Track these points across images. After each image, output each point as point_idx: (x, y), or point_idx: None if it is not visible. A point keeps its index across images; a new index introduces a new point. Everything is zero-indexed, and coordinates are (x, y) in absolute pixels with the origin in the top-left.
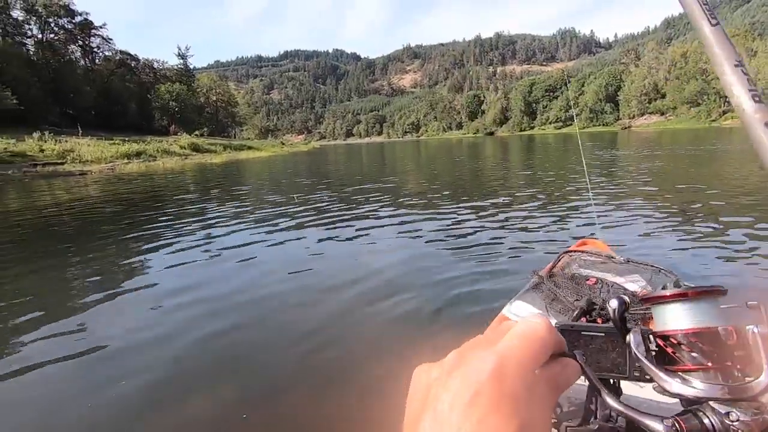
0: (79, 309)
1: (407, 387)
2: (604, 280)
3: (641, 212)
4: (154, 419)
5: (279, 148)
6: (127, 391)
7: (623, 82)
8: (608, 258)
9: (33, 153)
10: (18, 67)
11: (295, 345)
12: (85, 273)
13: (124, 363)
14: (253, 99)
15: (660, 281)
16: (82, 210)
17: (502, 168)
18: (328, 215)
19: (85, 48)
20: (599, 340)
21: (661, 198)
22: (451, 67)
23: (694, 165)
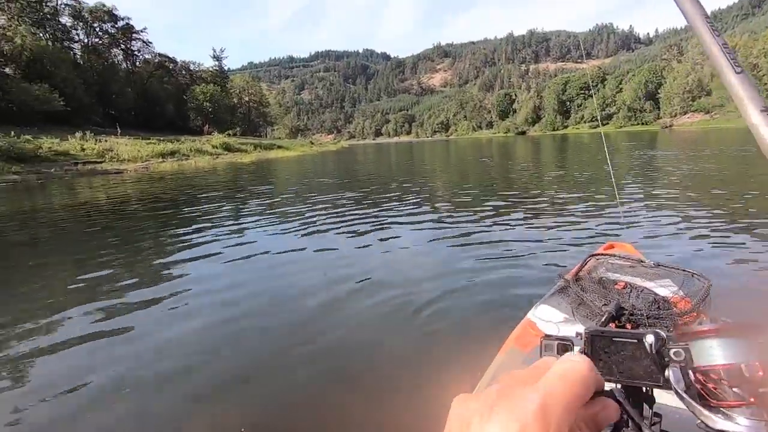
0: (112, 299)
1: (432, 391)
2: (634, 285)
3: (675, 216)
4: (185, 411)
5: (308, 148)
6: (143, 381)
7: (664, 79)
8: (637, 262)
9: (75, 152)
10: (66, 71)
11: (314, 347)
12: (117, 266)
13: (145, 354)
14: (284, 99)
15: (693, 286)
16: (117, 206)
17: (532, 169)
18: (353, 216)
19: (127, 51)
20: (631, 347)
21: (698, 201)
22: (481, 66)
23: (739, 167)
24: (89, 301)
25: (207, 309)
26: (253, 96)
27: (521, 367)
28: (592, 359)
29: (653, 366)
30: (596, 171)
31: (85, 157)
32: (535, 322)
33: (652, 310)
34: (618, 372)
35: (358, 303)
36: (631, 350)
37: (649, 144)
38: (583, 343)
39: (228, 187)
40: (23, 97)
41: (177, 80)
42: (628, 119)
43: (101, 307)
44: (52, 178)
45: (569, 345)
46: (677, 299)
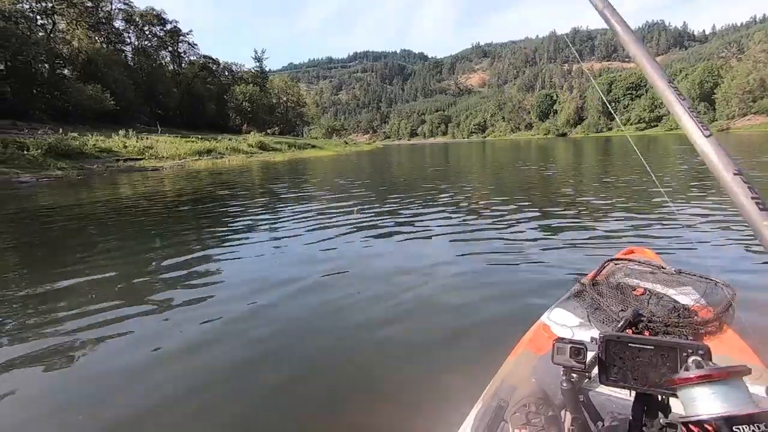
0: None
1: (444, 392)
2: (653, 291)
3: (711, 225)
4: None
5: (342, 148)
6: (169, 377)
7: (722, 79)
8: (657, 268)
9: (117, 149)
10: (117, 72)
11: (326, 349)
12: (148, 260)
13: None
14: (322, 99)
15: (716, 295)
16: (146, 202)
17: (567, 172)
18: (380, 216)
19: (174, 53)
20: (648, 353)
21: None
22: (522, 66)
23: None
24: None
25: (227, 309)
26: (290, 96)
27: (533, 369)
28: (607, 364)
29: (671, 374)
30: (633, 175)
31: (127, 154)
32: (549, 325)
33: (671, 318)
34: (633, 378)
35: (374, 303)
36: (647, 357)
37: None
38: (598, 347)
39: (257, 187)
40: (78, 96)
41: (219, 81)
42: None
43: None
44: (92, 174)
45: (582, 349)
46: (698, 308)
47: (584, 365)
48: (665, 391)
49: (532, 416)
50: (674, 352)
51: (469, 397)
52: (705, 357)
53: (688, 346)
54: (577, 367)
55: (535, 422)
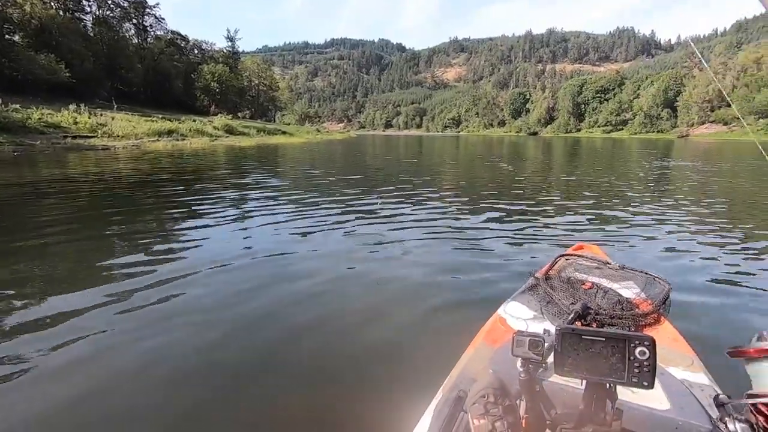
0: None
1: (400, 386)
2: (600, 286)
3: (652, 222)
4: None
5: (313, 135)
6: (142, 367)
7: (684, 87)
8: (604, 263)
9: (67, 125)
10: (74, 42)
11: (280, 341)
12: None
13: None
14: (296, 85)
15: (654, 289)
16: (73, 185)
17: (535, 170)
18: (333, 208)
19: (139, 26)
20: (599, 345)
21: (682, 211)
22: (497, 63)
23: (746, 180)
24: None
25: (186, 303)
26: (263, 79)
27: (490, 361)
28: (562, 355)
29: (619, 364)
30: (592, 175)
31: (77, 130)
32: (505, 318)
33: (615, 311)
34: (585, 369)
35: (330, 296)
36: (599, 348)
37: (662, 152)
38: (554, 340)
39: (213, 172)
40: (28, 66)
41: (188, 58)
42: (644, 126)
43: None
44: (33, 152)
45: (540, 341)
46: (639, 301)
47: (541, 357)
48: (613, 379)
49: (490, 406)
50: (623, 343)
51: (430, 388)
52: (650, 348)
53: (636, 337)
54: (535, 359)
55: (493, 412)
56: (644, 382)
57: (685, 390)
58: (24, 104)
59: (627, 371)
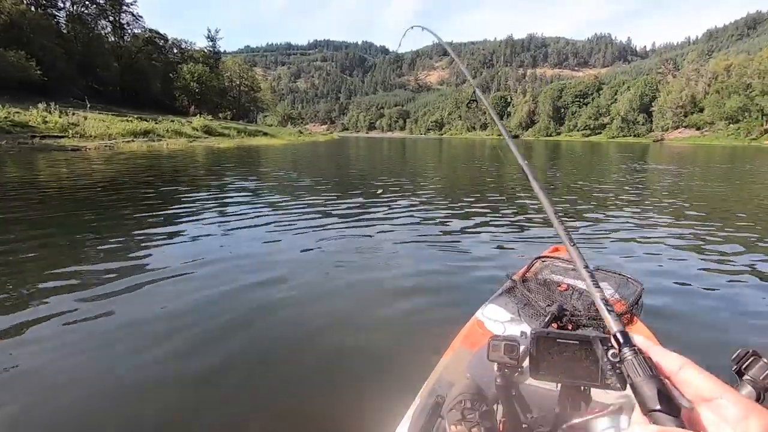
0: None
1: (379, 390)
2: (575, 287)
3: (627, 225)
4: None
5: (295, 137)
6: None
7: (659, 93)
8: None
9: (36, 124)
10: (46, 38)
11: (253, 346)
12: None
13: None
14: (279, 86)
15: (628, 289)
16: (34, 188)
17: (518, 175)
18: (315, 211)
19: (115, 24)
20: (573, 348)
21: (653, 213)
22: (480, 67)
23: (719, 183)
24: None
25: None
26: (244, 80)
27: (468, 365)
28: (537, 359)
29: (592, 367)
30: (570, 179)
31: (47, 130)
32: (483, 321)
33: (591, 312)
34: (560, 372)
35: (308, 301)
36: (572, 351)
37: (639, 156)
38: (529, 343)
39: (186, 174)
40: None
41: (167, 58)
42: (621, 130)
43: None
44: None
45: (516, 346)
46: (613, 302)
47: (517, 361)
48: (587, 382)
49: (467, 412)
50: (596, 345)
51: (407, 394)
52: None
53: (608, 339)
54: (511, 363)
55: (470, 418)
56: (617, 384)
57: None
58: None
59: (600, 373)
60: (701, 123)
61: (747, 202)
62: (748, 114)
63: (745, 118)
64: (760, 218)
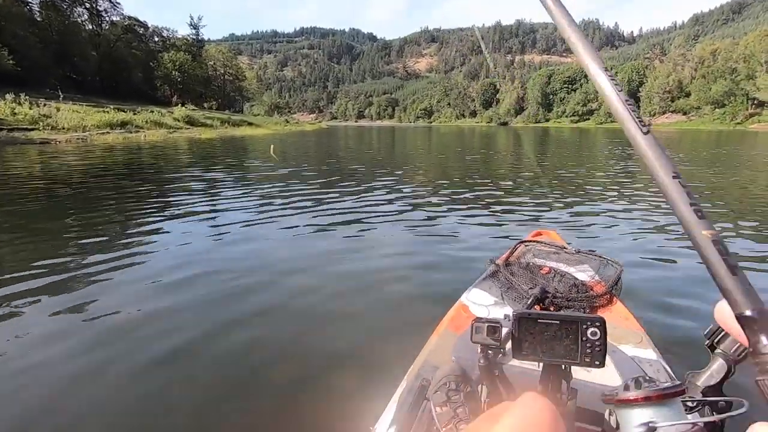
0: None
1: (367, 373)
2: (557, 270)
3: (609, 208)
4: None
5: (281, 127)
6: (113, 369)
7: (646, 78)
8: (560, 248)
9: (4, 116)
10: (19, 26)
11: (240, 334)
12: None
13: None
14: (266, 75)
15: (608, 271)
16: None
17: (505, 161)
18: (301, 200)
19: (92, 11)
20: (554, 328)
21: (641, 196)
22: (468, 53)
23: (704, 167)
24: None
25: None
26: (228, 68)
27: (453, 348)
28: (519, 340)
29: (573, 345)
30: (558, 164)
31: (16, 122)
32: (468, 305)
33: (571, 294)
34: (541, 351)
35: (293, 288)
36: (553, 331)
37: (626, 142)
38: (511, 324)
39: (161, 167)
40: None
41: (147, 46)
42: (609, 116)
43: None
44: None
45: (498, 327)
46: (593, 283)
47: (500, 342)
48: (568, 360)
49: (452, 393)
50: (576, 325)
51: (394, 377)
52: (601, 328)
53: (587, 319)
54: (493, 344)
55: (455, 399)
56: (596, 362)
57: (635, 366)
58: None
59: (580, 352)
60: (688, 108)
61: (732, 186)
62: (733, 98)
63: (731, 102)
64: (743, 201)
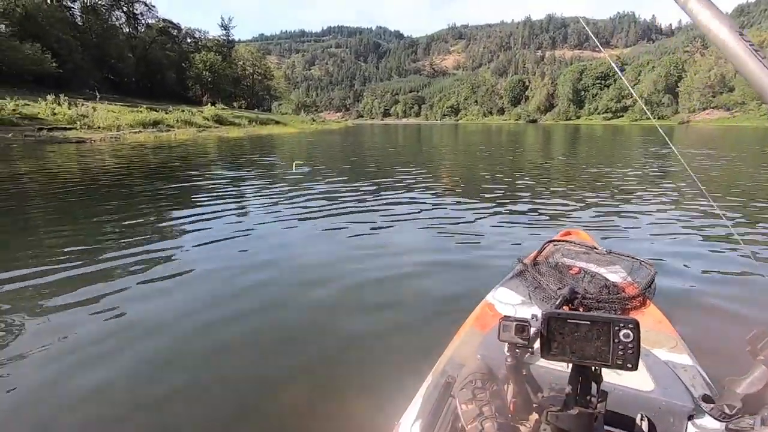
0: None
1: (392, 373)
2: (587, 270)
3: (641, 208)
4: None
5: (307, 125)
6: (119, 369)
7: (685, 72)
8: (591, 248)
9: (45, 116)
10: (61, 30)
11: (269, 333)
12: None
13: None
14: (293, 74)
15: (641, 272)
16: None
17: (534, 160)
18: (327, 198)
19: (129, 14)
20: (584, 328)
21: (677, 197)
22: (496, 50)
23: (749, 167)
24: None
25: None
26: (257, 68)
27: (478, 346)
28: (548, 339)
29: (604, 347)
30: (589, 163)
31: (55, 122)
32: (494, 304)
33: (602, 295)
34: (571, 352)
35: (322, 285)
36: (584, 332)
37: (662, 139)
38: (540, 324)
39: (183, 166)
40: (12, 56)
41: (180, 47)
42: (644, 112)
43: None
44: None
45: (526, 326)
46: (626, 285)
47: (528, 341)
48: (599, 362)
49: (478, 391)
50: (608, 326)
51: (419, 374)
52: (634, 330)
53: (620, 320)
54: (521, 343)
55: (480, 397)
56: (628, 364)
57: (669, 371)
58: (9, 95)
59: (612, 354)
60: (731, 103)
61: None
62: None
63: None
64: None
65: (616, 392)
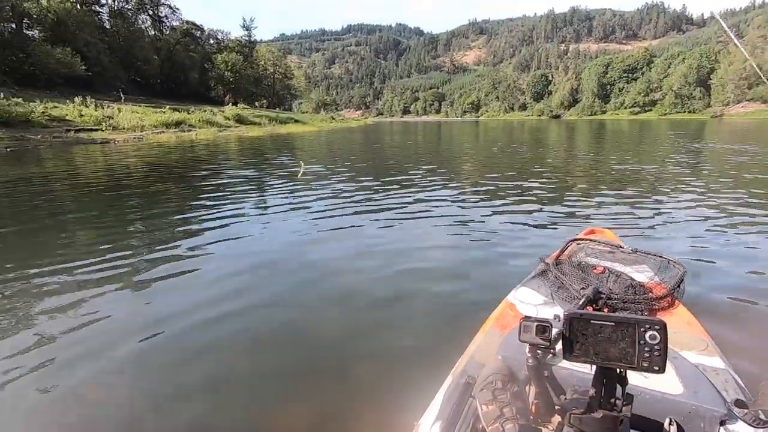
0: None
1: (412, 371)
2: (612, 270)
3: (675, 206)
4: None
5: (327, 123)
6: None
7: (718, 64)
8: (616, 247)
9: (72, 118)
10: (90, 34)
11: (286, 334)
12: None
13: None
14: (314, 73)
15: (669, 272)
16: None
17: (557, 156)
18: (347, 197)
19: (154, 17)
20: (608, 330)
21: (708, 194)
22: (518, 44)
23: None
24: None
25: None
26: (278, 68)
27: (499, 347)
28: (570, 341)
29: (629, 349)
30: (615, 159)
31: (82, 123)
32: (515, 304)
33: (628, 295)
34: (594, 353)
35: (342, 282)
36: (608, 333)
37: (693, 134)
38: (562, 324)
39: (214, 161)
40: (45, 60)
41: (203, 49)
42: (674, 106)
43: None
44: (27, 148)
45: (548, 327)
46: (653, 285)
47: (549, 342)
48: (624, 364)
49: (498, 392)
50: (632, 327)
51: (439, 374)
52: (661, 332)
53: (646, 321)
54: (543, 344)
55: (501, 398)
56: (655, 367)
57: (699, 374)
58: (39, 98)
59: (637, 356)
60: None
61: None
62: None
63: None
64: None
65: (642, 395)
